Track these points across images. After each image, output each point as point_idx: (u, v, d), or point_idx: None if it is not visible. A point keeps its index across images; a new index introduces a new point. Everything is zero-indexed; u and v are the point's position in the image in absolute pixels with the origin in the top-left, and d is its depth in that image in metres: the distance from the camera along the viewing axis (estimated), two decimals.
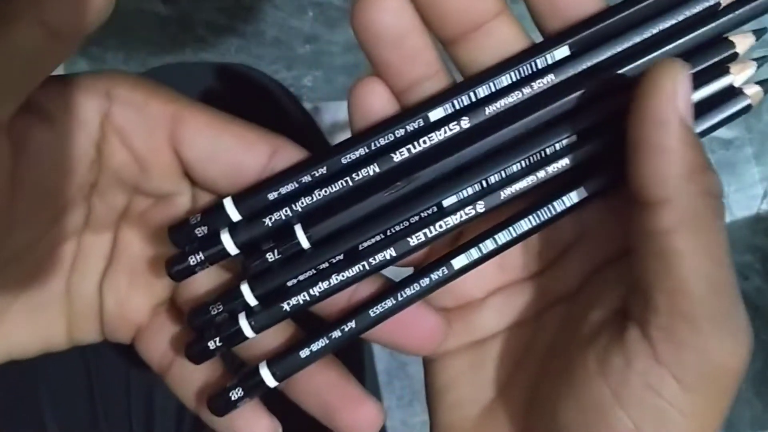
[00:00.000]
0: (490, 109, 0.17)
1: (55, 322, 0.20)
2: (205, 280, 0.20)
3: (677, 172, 0.14)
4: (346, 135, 0.19)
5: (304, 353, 0.18)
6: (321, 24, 0.81)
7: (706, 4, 0.16)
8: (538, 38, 0.18)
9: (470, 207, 0.17)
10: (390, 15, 0.16)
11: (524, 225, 0.17)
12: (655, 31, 0.16)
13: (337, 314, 0.19)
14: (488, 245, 0.18)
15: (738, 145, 0.78)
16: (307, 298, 0.18)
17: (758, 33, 0.17)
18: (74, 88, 0.18)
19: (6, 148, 0.17)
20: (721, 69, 0.17)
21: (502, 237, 0.17)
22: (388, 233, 0.18)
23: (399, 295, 0.18)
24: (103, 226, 0.20)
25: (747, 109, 0.17)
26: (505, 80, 0.17)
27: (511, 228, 0.17)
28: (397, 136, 0.17)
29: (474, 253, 0.18)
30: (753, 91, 0.17)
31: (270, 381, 0.18)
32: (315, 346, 0.18)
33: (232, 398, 0.18)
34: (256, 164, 0.18)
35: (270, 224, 0.17)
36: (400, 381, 0.74)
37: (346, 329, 0.18)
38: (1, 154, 0.16)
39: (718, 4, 0.16)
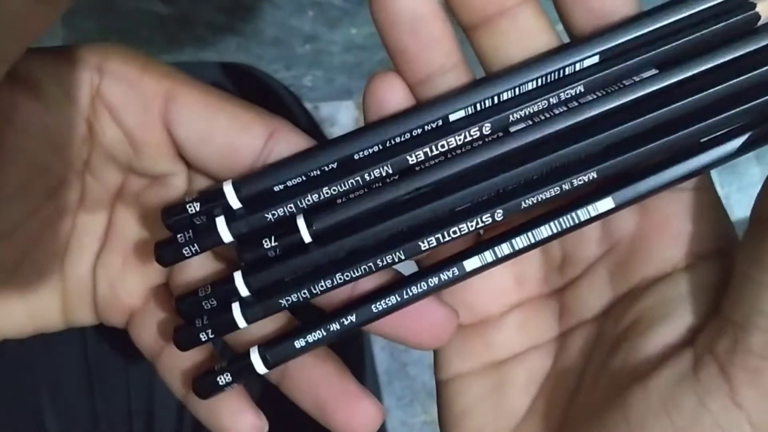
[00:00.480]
0: (515, 116, 0.16)
1: (50, 303, 0.19)
2: (201, 268, 0.19)
3: None
4: None
5: (299, 343, 0.17)
6: (321, 24, 0.81)
7: (745, 14, 0.15)
8: (562, 30, 0.17)
9: (488, 215, 0.16)
10: None
11: (544, 231, 0.17)
12: (687, 41, 0.16)
13: (338, 305, 0.18)
14: (504, 249, 0.17)
15: None
16: (308, 294, 0.17)
17: None
18: (65, 60, 0.17)
19: None
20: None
21: (520, 242, 0.17)
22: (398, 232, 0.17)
23: (405, 292, 0.17)
24: (98, 206, 0.19)
25: None
26: (531, 86, 0.16)
27: (530, 233, 0.17)
28: (414, 135, 0.16)
29: (488, 256, 0.17)
30: None
31: (260, 367, 0.17)
32: (311, 337, 0.17)
33: (219, 382, 0.18)
34: (251, 147, 0.17)
35: (272, 219, 0.16)
36: (400, 381, 0.74)
37: (346, 323, 0.17)
38: None
39: (757, 15, 0.15)
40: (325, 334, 0.17)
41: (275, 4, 0.81)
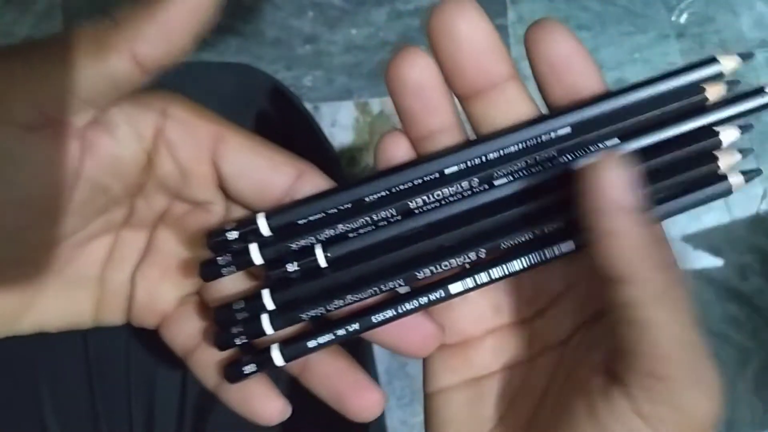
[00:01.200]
0: (498, 173, 0.19)
1: (84, 304, 0.22)
2: (230, 282, 0.22)
3: (629, 254, 0.16)
4: (346, 135, 0.20)
5: (312, 343, 0.20)
6: (321, 24, 0.81)
7: (695, 99, 0.19)
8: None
9: (473, 252, 0.19)
10: (418, 70, 0.19)
11: (516, 265, 0.19)
12: (645, 117, 0.19)
13: (345, 314, 0.21)
14: (482, 277, 0.20)
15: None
16: (323, 311, 0.20)
17: (744, 129, 0.19)
18: (136, 104, 0.20)
19: (77, 149, 0.19)
20: (708, 155, 0.19)
21: (496, 272, 0.20)
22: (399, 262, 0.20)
23: (399, 307, 0.20)
24: (143, 225, 0.22)
25: (728, 192, 0.19)
26: (513, 148, 0.19)
27: (504, 266, 0.19)
28: (415, 183, 0.19)
29: (469, 282, 0.20)
30: (736, 179, 0.19)
31: (278, 360, 0.20)
32: (322, 339, 0.20)
33: (245, 371, 0.21)
34: (282, 184, 0.21)
35: (296, 247, 0.20)
36: (400, 381, 0.74)
37: (350, 329, 0.20)
38: (73, 154, 0.19)
39: (706, 99, 0.19)
40: (333, 337, 0.20)
41: (275, 4, 0.81)
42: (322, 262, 0.20)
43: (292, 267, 0.20)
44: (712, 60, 0.19)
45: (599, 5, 0.82)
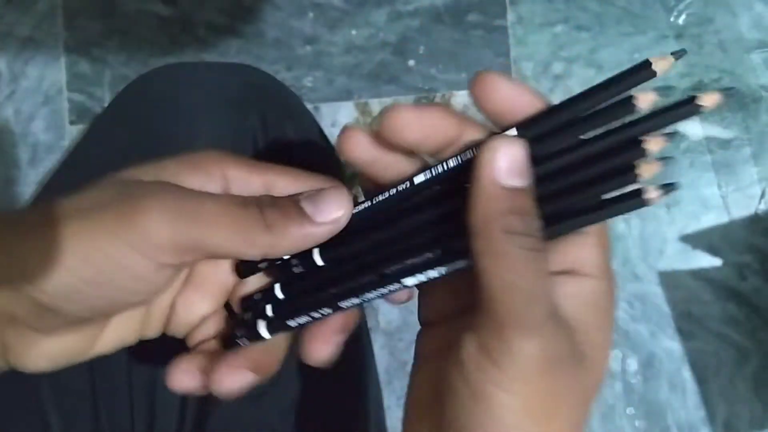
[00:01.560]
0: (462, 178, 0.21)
1: (135, 327, 0.25)
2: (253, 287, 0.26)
3: (479, 215, 0.19)
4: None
5: (291, 323, 0.24)
6: (321, 25, 0.81)
7: (625, 109, 0.19)
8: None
9: (430, 252, 0.21)
10: (360, 147, 0.22)
11: (460, 264, 0.21)
12: (582, 132, 0.20)
13: (318, 301, 0.23)
14: (432, 274, 0.21)
15: (736, 145, 0.79)
16: (317, 306, 0.23)
17: (670, 136, 0.19)
18: (198, 176, 0.23)
19: None
20: (629, 166, 0.19)
21: (444, 269, 0.21)
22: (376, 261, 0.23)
23: (363, 297, 0.22)
24: (188, 265, 0.25)
25: (644, 205, 0.19)
26: (469, 154, 0.21)
27: (449, 265, 0.21)
28: (391, 193, 0.22)
29: (422, 277, 0.22)
30: (654, 192, 0.19)
31: (265, 333, 0.24)
32: (299, 320, 0.23)
33: (237, 336, 0.24)
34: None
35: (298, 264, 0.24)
36: (400, 381, 0.74)
37: (324, 313, 0.23)
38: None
39: (633, 104, 0.19)
40: (309, 318, 0.23)
41: (276, 5, 0.82)
42: (319, 261, 0.23)
43: (297, 269, 0.24)
44: (646, 63, 0.19)
45: (598, 6, 0.83)
